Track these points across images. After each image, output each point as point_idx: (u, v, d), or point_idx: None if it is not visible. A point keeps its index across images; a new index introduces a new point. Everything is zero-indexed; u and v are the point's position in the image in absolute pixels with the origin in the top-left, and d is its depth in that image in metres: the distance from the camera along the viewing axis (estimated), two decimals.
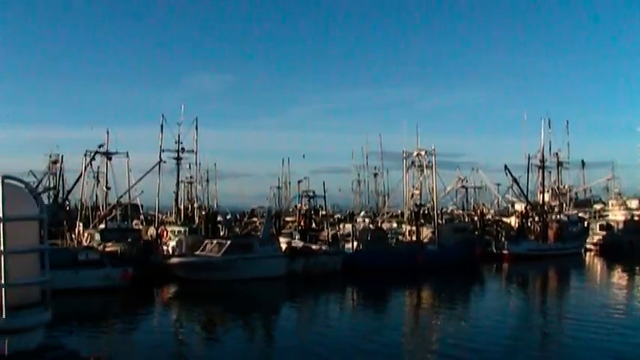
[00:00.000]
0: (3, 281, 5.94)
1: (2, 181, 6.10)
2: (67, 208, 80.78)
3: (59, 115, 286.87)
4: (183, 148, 65.53)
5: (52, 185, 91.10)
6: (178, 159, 65.93)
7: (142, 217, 71.61)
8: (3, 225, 5.94)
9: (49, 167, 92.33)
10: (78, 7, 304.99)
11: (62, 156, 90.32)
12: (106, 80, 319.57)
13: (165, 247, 57.71)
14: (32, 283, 6.28)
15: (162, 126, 63.97)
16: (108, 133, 61.67)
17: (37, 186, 74.79)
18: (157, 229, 62.74)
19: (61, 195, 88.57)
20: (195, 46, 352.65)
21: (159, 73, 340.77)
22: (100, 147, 61.58)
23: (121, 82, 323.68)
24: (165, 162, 64.20)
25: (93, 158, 62.37)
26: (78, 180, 69.81)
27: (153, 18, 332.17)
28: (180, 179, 70.15)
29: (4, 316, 5.95)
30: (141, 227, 66.96)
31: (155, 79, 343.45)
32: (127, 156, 63.83)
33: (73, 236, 55.76)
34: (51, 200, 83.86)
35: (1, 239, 5.92)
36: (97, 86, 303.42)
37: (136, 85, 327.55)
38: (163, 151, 63.97)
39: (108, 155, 61.66)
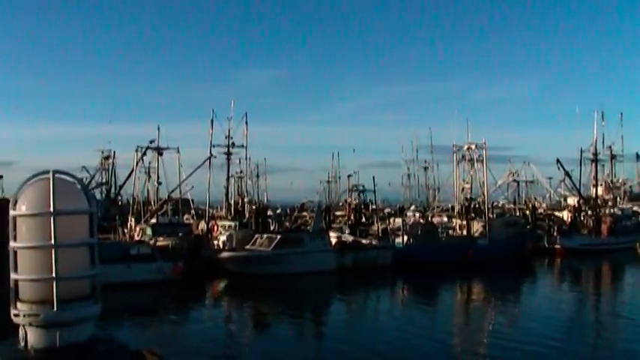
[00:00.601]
0: (54, 274, 6.01)
1: (53, 176, 6.17)
2: (119, 203, 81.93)
3: (112, 112, 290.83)
4: (233, 143, 65.88)
5: (104, 181, 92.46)
6: (228, 154, 66.31)
7: (192, 211, 72.21)
8: (54, 219, 6.00)
9: (101, 163, 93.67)
10: (126, 5, 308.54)
11: (114, 152, 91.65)
12: (157, 77, 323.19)
13: (215, 242, 58.10)
14: (82, 277, 6.34)
15: (212, 121, 64.48)
16: (159, 128, 62.37)
17: (90, 182, 76.21)
18: (207, 224, 63.22)
19: (113, 190, 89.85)
20: (245, 41, 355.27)
21: (209, 69, 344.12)
22: (151, 142, 62.31)
23: (172, 79, 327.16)
24: (215, 157, 64.69)
25: (144, 154, 63.14)
26: (130, 175, 70.82)
27: (203, 14, 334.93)
28: (230, 174, 70.62)
29: (55, 308, 6.03)
30: (192, 222, 67.55)
31: (205, 75, 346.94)
32: (178, 151, 64.49)
33: (125, 231, 56.51)
34: (103, 195, 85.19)
35: (52, 233, 5.99)
36: (148, 83, 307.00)
37: (187, 82, 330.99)
38: (214, 146, 64.45)
39: (159, 151, 62.32)
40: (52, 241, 5.95)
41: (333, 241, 58.82)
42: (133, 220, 59.09)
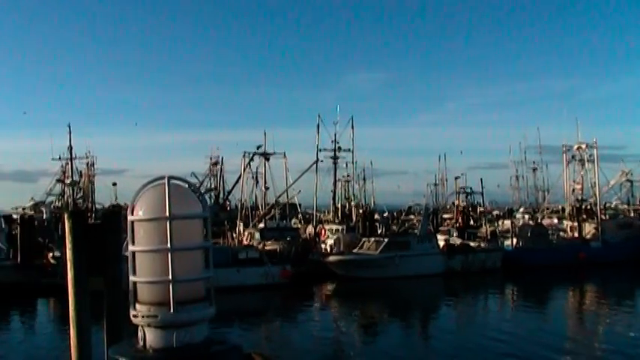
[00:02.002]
0: (171, 277, 6.20)
1: (168, 182, 6.37)
2: (228, 208, 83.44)
3: (219, 119, 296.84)
4: (339, 147, 66.30)
5: (213, 186, 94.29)
6: (335, 158, 66.74)
7: (300, 215, 72.90)
8: (170, 223, 6.19)
9: (210, 169, 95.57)
10: (231, 13, 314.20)
11: (222, 157, 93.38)
12: (263, 83, 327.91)
13: (323, 245, 58.53)
14: (197, 279, 6.50)
15: (318, 126, 65.02)
16: (265, 134, 63.27)
17: (199, 187, 78.26)
18: (315, 228, 63.73)
19: (221, 195, 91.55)
20: (349, 45, 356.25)
21: (314, 74, 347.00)
22: (258, 148, 63.20)
23: (278, 84, 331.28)
24: (322, 161, 65.19)
25: (251, 159, 64.10)
26: (237, 181, 72.10)
27: (308, 20, 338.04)
28: (337, 178, 71.03)
29: (172, 310, 6.22)
30: (299, 226, 68.17)
31: (310, 80, 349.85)
32: (285, 156, 65.23)
33: (234, 235, 57.51)
34: (212, 201, 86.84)
35: (168, 237, 6.18)
36: (255, 89, 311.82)
37: (293, 87, 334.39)
38: (320, 150, 64.96)
39: (266, 156, 63.18)
40: (169, 245, 6.15)
41: (441, 244, 58.34)
42: (241, 224, 60.09)
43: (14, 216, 63.77)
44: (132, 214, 6.44)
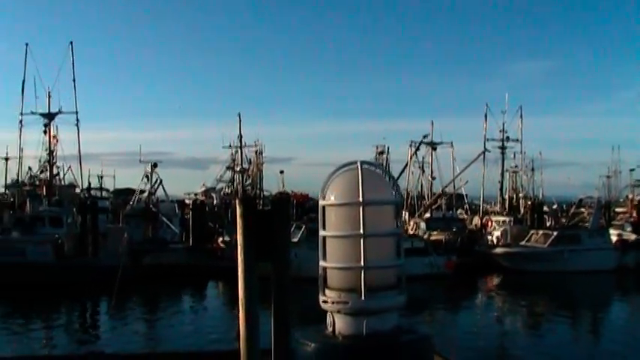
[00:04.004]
0: (362, 263, 6.14)
1: (361, 167, 6.30)
2: None
3: (385, 108, 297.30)
4: (507, 137, 64.97)
5: None
6: (503, 148, 65.44)
7: (466, 206, 71.96)
8: (363, 209, 6.13)
9: (376, 158, 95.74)
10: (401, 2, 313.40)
11: (388, 147, 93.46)
12: (430, 73, 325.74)
13: (489, 237, 57.45)
14: (388, 267, 6.46)
15: (486, 115, 63.98)
16: (432, 123, 62.88)
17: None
18: (481, 219, 62.76)
19: None
20: (515, 33, 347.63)
21: (481, 62, 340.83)
22: (424, 137, 62.87)
23: (446, 74, 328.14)
24: (489, 151, 64.07)
25: (418, 148, 63.79)
26: (403, 170, 71.79)
27: (476, 8, 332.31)
28: (504, 168, 69.52)
29: (362, 297, 6.17)
30: (465, 217, 67.30)
31: (478, 68, 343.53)
32: (452, 146, 64.71)
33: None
34: None
35: (361, 222, 6.12)
36: (422, 79, 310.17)
37: (460, 76, 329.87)
38: (488, 140, 63.82)
39: (432, 145, 62.81)
40: (361, 231, 6.09)
41: (614, 239, 55.83)
42: (406, 214, 59.92)
43: (187, 201, 66.52)
44: (323, 198, 6.41)
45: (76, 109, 54.31)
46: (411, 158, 65.30)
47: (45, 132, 52.68)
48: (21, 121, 55.63)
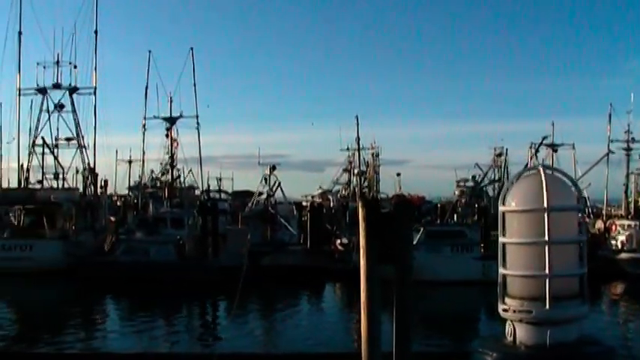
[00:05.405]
0: (547, 271, 5.93)
1: (543, 172, 6.09)
2: None
3: (503, 109, 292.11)
4: (632, 138, 62.63)
5: (496, 178, 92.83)
6: (628, 149, 63.14)
7: (588, 209, 69.81)
8: (548, 215, 5.92)
9: (493, 160, 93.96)
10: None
11: (506, 149, 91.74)
12: (550, 72, 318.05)
13: (613, 242, 55.62)
14: (574, 275, 6.21)
15: (610, 115, 61.84)
16: (553, 124, 61.30)
17: (483, 179, 77.65)
18: (604, 223, 60.79)
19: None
20: (635, 30, 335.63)
21: (603, 60, 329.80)
22: (544, 139, 61.36)
23: (565, 73, 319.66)
24: (613, 153, 61.92)
25: (537, 150, 62.32)
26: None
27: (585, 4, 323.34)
28: (630, 170, 67.08)
29: (547, 306, 5.95)
30: (587, 220, 65.36)
31: (599, 67, 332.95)
32: (573, 147, 62.84)
33: None
34: (496, 193, 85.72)
35: (546, 229, 5.91)
36: (539, 78, 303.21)
37: (581, 75, 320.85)
38: (612, 141, 61.73)
39: (553, 147, 61.30)
40: (546, 237, 5.88)
41: None
42: None
43: (304, 203, 66.91)
44: (503, 204, 6.22)
45: (196, 112, 55.57)
46: (530, 160, 63.90)
47: (167, 135, 54.11)
48: (144, 126, 57.45)
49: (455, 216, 46.01)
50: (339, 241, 49.54)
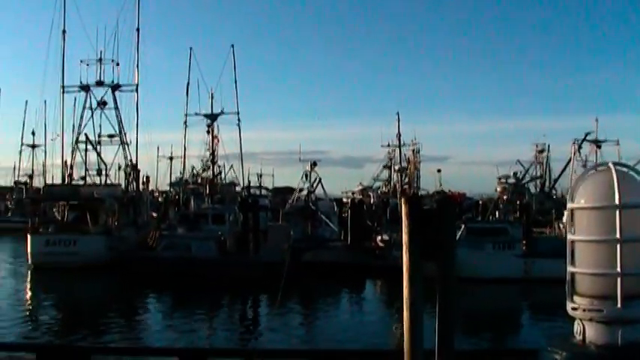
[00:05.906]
0: (619, 269, 5.80)
1: (614, 168, 5.97)
2: (554, 196, 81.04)
3: (545, 105, 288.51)
4: None
5: (538, 174, 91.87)
6: None
7: None
8: (620, 212, 5.80)
9: (535, 156, 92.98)
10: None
11: (548, 145, 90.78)
12: (594, 68, 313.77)
13: None
14: None
15: None
16: (597, 120, 60.61)
17: (524, 175, 77.06)
18: None
19: (547, 184, 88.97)
20: None
21: None
22: (587, 135, 60.55)
23: (607, 68, 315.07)
24: None
25: (580, 146, 61.50)
26: (565, 168, 69.59)
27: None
28: None
29: (619, 305, 5.83)
30: None
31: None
32: (618, 143, 62.03)
33: (561, 225, 55.63)
34: (538, 189, 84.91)
35: (618, 227, 5.78)
36: (582, 74, 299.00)
37: (626, 70, 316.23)
38: None
39: (597, 143, 60.52)
40: (617, 235, 5.76)
41: None
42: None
43: (344, 200, 66.73)
44: (572, 201, 6.10)
45: (237, 109, 55.95)
46: (573, 155, 63.04)
47: (208, 132, 54.36)
48: (185, 122, 57.87)
49: (496, 213, 45.46)
50: (379, 237, 49.25)
